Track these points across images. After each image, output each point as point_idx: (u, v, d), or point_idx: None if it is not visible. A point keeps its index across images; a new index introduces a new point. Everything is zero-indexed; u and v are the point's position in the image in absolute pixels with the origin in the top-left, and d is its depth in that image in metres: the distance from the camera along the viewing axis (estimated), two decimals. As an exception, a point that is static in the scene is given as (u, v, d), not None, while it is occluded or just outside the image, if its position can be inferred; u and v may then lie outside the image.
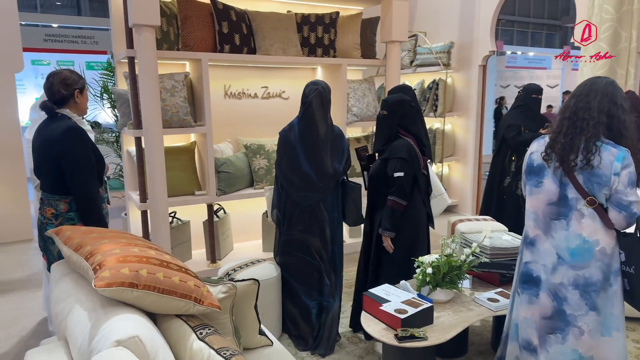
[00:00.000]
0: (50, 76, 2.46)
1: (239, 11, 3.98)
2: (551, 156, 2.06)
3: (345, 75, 4.38)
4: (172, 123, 3.64)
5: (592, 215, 1.99)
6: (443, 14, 6.21)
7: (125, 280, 1.27)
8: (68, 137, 2.32)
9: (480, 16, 5.64)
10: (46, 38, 7.95)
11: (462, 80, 6.03)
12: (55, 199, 2.39)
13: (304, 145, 2.76)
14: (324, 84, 2.86)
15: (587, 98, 2.02)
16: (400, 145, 2.84)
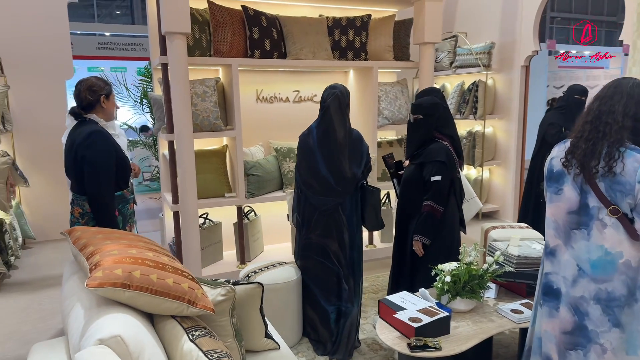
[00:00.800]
0: (78, 83, 2.60)
1: (270, 17, 4.04)
2: (571, 162, 1.95)
3: (377, 78, 4.34)
4: (203, 127, 3.75)
5: (616, 225, 1.87)
6: (484, 14, 6.03)
7: (117, 280, 1.32)
8: (91, 141, 2.44)
9: (522, 15, 5.43)
10: (99, 46, 8.42)
11: (503, 82, 5.83)
12: (81, 199, 2.52)
13: (322, 150, 2.76)
14: (342, 88, 2.86)
15: (612, 101, 1.90)
16: (437, 148, 2.81)
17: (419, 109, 2.84)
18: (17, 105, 5.05)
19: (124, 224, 2.63)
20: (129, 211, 2.68)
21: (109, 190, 2.49)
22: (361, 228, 2.92)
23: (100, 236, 1.61)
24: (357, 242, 2.87)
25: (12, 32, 4.85)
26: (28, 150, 5.12)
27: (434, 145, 2.85)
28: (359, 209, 2.87)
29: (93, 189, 2.44)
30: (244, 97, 4.33)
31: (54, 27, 5.12)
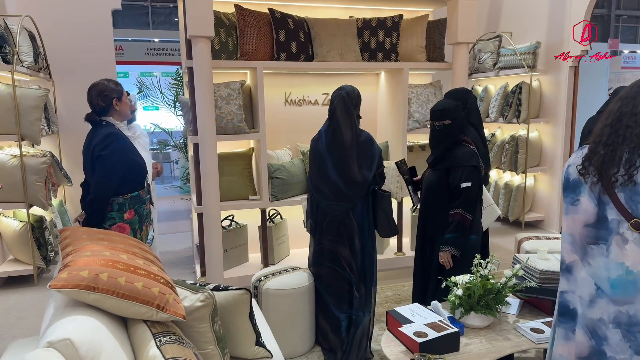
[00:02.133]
0: (90, 89, 2.68)
1: (297, 19, 4.01)
2: (588, 170, 1.77)
3: (407, 80, 4.20)
4: (227, 130, 3.77)
5: (638, 240, 1.67)
6: (530, 13, 5.72)
7: (82, 282, 1.32)
8: (107, 142, 2.50)
9: (571, 13, 5.10)
10: (147, 52, 8.77)
11: (550, 84, 5.49)
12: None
13: (331, 154, 2.69)
14: (348, 89, 2.78)
15: (634, 101, 1.70)
16: (465, 152, 2.69)
17: (444, 114, 2.70)
18: (63, 108, 5.32)
19: (140, 223, 2.68)
20: (145, 211, 2.73)
21: (109, 194, 2.52)
22: (373, 234, 2.81)
23: (85, 236, 1.62)
24: (369, 248, 2.77)
25: (59, 38, 5.11)
26: (73, 150, 5.38)
27: (461, 150, 2.71)
28: (370, 214, 2.76)
29: (97, 188, 2.50)
30: (272, 100, 4.33)
31: (98, 33, 5.35)
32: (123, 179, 2.57)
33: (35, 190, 3.99)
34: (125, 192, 2.58)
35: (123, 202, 2.56)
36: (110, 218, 2.56)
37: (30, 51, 4.30)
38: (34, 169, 3.95)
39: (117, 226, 2.54)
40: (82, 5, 5.17)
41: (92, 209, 2.50)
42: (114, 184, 2.52)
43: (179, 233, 5.94)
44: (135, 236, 2.63)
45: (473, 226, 2.72)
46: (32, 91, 3.97)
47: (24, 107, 3.87)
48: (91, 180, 2.55)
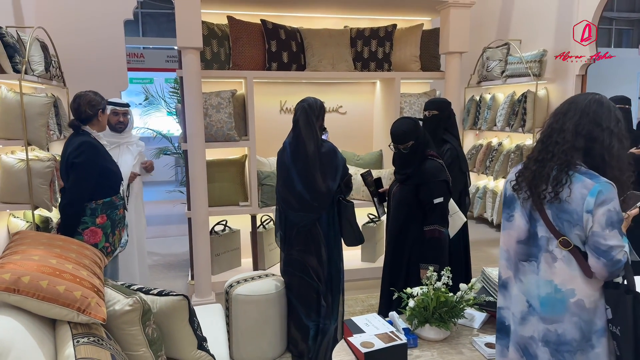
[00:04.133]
0: (78, 97, 2.83)
1: (290, 29, 4.09)
2: (521, 186, 1.76)
3: (399, 89, 4.21)
4: (217, 137, 3.88)
5: (567, 259, 1.65)
6: (538, 20, 5.61)
7: (2, 284, 1.43)
8: (80, 151, 2.65)
9: (577, 21, 4.97)
10: (168, 59, 9.07)
11: (558, 92, 5.37)
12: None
13: (296, 165, 2.75)
14: (310, 101, 2.82)
15: (564, 118, 1.69)
16: (434, 167, 2.69)
17: (407, 136, 2.67)
18: (78, 114, 5.58)
19: (112, 228, 2.81)
20: (118, 216, 2.86)
21: (81, 201, 2.66)
22: (340, 244, 2.85)
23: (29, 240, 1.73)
24: (335, 258, 2.80)
25: (73, 48, 5.36)
26: (85, 155, 5.63)
27: (429, 164, 2.71)
28: (336, 224, 2.80)
29: (70, 195, 2.64)
30: (267, 108, 4.43)
31: (111, 42, 5.59)
32: (96, 185, 2.71)
33: (40, 193, 4.20)
34: (98, 197, 2.71)
35: (95, 207, 2.70)
36: (83, 222, 2.70)
37: (41, 60, 4.53)
38: (39, 172, 4.16)
39: (90, 230, 2.68)
40: (96, 16, 5.42)
41: (65, 214, 2.64)
42: (86, 190, 2.66)
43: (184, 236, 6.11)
44: (108, 240, 2.76)
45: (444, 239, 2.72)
46: (38, 99, 4.20)
47: (31, 114, 4.09)
48: (67, 188, 2.70)
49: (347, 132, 4.69)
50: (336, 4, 3.99)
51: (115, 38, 5.60)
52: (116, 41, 5.61)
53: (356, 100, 4.68)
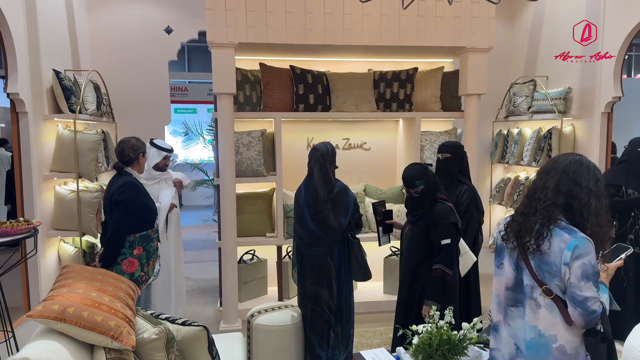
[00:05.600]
0: (122, 143, 3.19)
1: (317, 74, 4.39)
2: (509, 236, 1.92)
3: (419, 129, 4.41)
4: (247, 173, 4.18)
5: (550, 306, 1.79)
6: (565, 57, 5.68)
7: (51, 314, 1.71)
8: (123, 189, 2.99)
9: (603, 60, 5.03)
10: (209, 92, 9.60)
11: (584, 129, 5.39)
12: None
13: (309, 207, 2.98)
14: (322, 150, 3.04)
15: (547, 176, 1.85)
16: (444, 210, 2.86)
17: (417, 182, 2.83)
18: (124, 147, 6.05)
19: (147, 258, 3.12)
20: (153, 248, 3.17)
21: (122, 234, 2.99)
22: (350, 278, 3.04)
23: (74, 274, 2.03)
24: (345, 291, 2.99)
25: (122, 86, 5.85)
26: (129, 184, 6.08)
27: (438, 207, 2.87)
28: (347, 259, 3.00)
29: (113, 229, 2.97)
30: (295, 144, 4.71)
31: (156, 81, 6.05)
32: (135, 220, 3.04)
33: (88, 221, 4.62)
34: (137, 231, 3.04)
35: (133, 240, 3.02)
36: (122, 254, 3.02)
37: (93, 100, 5.02)
38: (87, 202, 4.59)
39: (128, 260, 2.99)
40: (143, 58, 5.91)
41: (108, 246, 2.97)
42: (127, 225, 2.98)
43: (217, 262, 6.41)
44: (143, 269, 3.07)
45: (454, 279, 2.86)
46: (89, 136, 4.65)
47: (82, 150, 4.53)
48: (109, 221, 3.04)
49: (370, 167, 4.90)
50: (361, 50, 4.26)
51: (161, 77, 6.07)
52: (161, 80, 6.08)
53: (380, 137, 4.90)
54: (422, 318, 2.87)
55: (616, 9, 4.82)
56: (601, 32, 5.03)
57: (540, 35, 6.16)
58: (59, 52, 4.91)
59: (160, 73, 6.08)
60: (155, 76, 6.06)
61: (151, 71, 6.00)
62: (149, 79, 6.02)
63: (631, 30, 4.67)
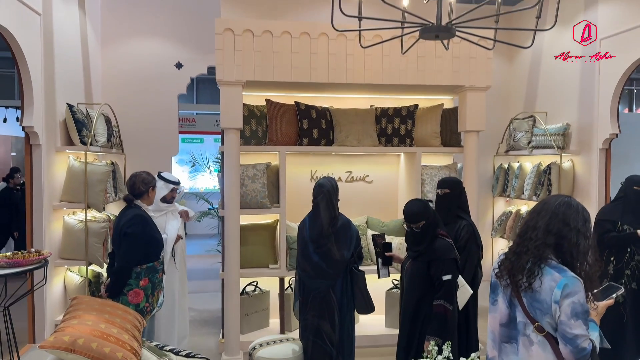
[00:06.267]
0: (133, 176, 3.32)
1: (320, 109, 4.54)
2: (503, 274, 2.00)
3: (419, 164, 4.52)
4: (251, 205, 4.29)
5: (542, 343, 1.85)
6: (563, 94, 5.83)
7: (62, 345, 1.79)
8: (133, 222, 3.09)
9: (599, 97, 5.17)
10: (216, 123, 9.82)
11: (583, 165, 5.49)
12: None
13: (313, 241, 3.07)
14: (328, 186, 3.14)
15: (538, 216, 1.94)
16: (444, 246, 2.92)
17: (419, 217, 2.90)
18: (132, 177, 6.19)
19: (152, 289, 3.19)
20: (158, 279, 3.25)
21: (130, 266, 3.07)
22: (352, 311, 3.09)
23: (84, 306, 2.11)
24: (347, 324, 3.05)
25: (132, 119, 6.02)
26: (136, 213, 6.18)
27: (439, 243, 2.93)
28: (349, 292, 3.06)
29: (122, 261, 3.06)
30: (299, 177, 4.82)
31: (165, 114, 6.22)
32: (143, 252, 3.13)
33: (95, 250, 4.70)
34: (144, 262, 3.12)
35: (140, 271, 3.11)
36: (128, 284, 3.09)
37: (104, 132, 5.18)
38: (95, 232, 4.68)
39: (134, 291, 3.07)
40: (154, 92, 6.10)
41: (116, 277, 3.06)
42: (136, 256, 3.08)
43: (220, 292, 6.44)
44: (148, 300, 3.14)
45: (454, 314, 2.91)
46: (99, 167, 4.79)
47: (92, 181, 4.67)
48: (117, 252, 3.13)
49: (373, 200, 5.00)
50: (363, 88, 4.42)
51: (170, 110, 6.24)
52: (170, 112, 6.25)
53: (382, 170, 5.01)
54: (422, 353, 2.90)
55: (611, 47, 4.98)
56: (597, 70, 5.19)
57: (539, 73, 6.33)
58: (72, 86, 5.11)
59: (169, 106, 6.25)
60: (165, 109, 6.23)
61: (161, 104, 6.18)
62: (159, 112, 6.19)
63: (626, 70, 4.82)
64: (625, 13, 4.79)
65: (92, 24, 5.62)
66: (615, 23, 4.92)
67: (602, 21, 5.12)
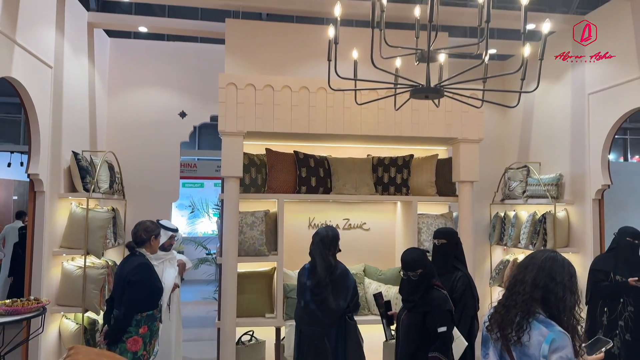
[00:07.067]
0: (138, 225, 3.41)
1: (319, 158, 4.67)
2: (493, 327, 2.04)
3: (415, 212, 4.60)
4: (249, 252, 4.33)
5: (534, 397, 1.87)
6: (556, 145, 5.99)
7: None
8: (137, 270, 3.15)
9: (590, 149, 5.32)
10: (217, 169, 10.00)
11: (577, 214, 5.57)
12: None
13: (310, 289, 3.11)
14: (322, 234, 3.22)
15: (525, 271, 2.01)
16: (440, 297, 2.96)
17: (417, 265, 2.96)
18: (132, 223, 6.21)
19: (150, 337, 3.20)
20: (156, 327, 3.26)
21: (133, 313, 3.10)
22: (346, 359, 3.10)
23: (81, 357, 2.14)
24: (341, 373, 3.04)
25: (135, 165, 6.13)
26: (134, 259, 6.20)
27: (435, 294, 2.96)
28: (344, 339, 3.08)
29: (125, 308, 3.09)
30: (297, 224, 4.89)
31: (167, 161, 6.34)
32: (145, 300, 3.16)
33: (92, 297, 4.70)
34: (145, 310, 3.16)
35: (140, 319, 3.14)
36: (127, 332, 3.11)
37: (107, 179, 5.29)
38: (93, 278, 4.70)
39: (133, 339, 3.09)
40: (157, 140, 6.25)
41: (117, 324, 3.08)
42: (138, 304, 3.11)
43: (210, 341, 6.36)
44: (145, 348, 3.15)
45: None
46: (100, 214, 4.86)
47: (92, 227, 4.73)
48: (119, 299, 3.17)
49: (370, 248, 5.04)
50: (360, 138, 4.57)
51: (172, 157, 6.37)
52: (172, 159, 6.38)
53: (379, 218, 5.09)
54: None
55: (599, 102, 5.18)
56: (587, 123, 5.36)
57: (532, 124, 6.52)
58: (79, 134, 5.26)
59: (171, 153, 6.39)
60: (167, 156, 6.36)
61: (163, 152, 6.31)
62: (161, 159, 6.31)
63: (614, 124, 4.98)
64: (610, 69, 5.01)
65: (100, 74, 5.85)
66: (602, 79, 5.13)
67: (590, 77, 5.35)
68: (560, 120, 5.81)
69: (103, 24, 5.73)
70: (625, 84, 4.79)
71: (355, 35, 4.63)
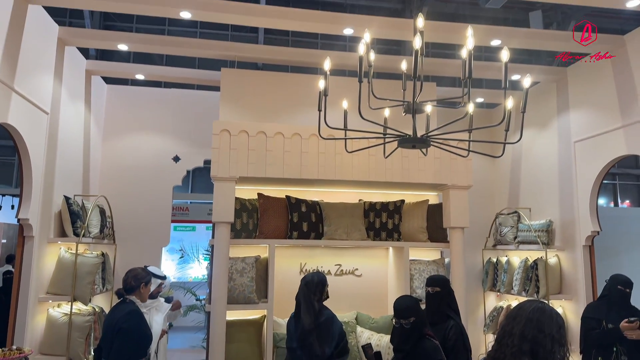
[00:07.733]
0: (129, 272, 3.39)
1: (310, 203, 4.70)
2: (484, 378, 2.01)
3: (407, 258, 4.59)
4: (239, 300, 4.27)
5: None
6: (545, 192, 6.07)
7: None
8: (128, 317, 3.10)
9: (578, 196, 5.40)
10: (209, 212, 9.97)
11: (568, 260, 5.58)
12: None
13: (297, 335, 3.07)
14: (308, 279, 3.22)
15: (513, 322, 2.00)
16: (431, 347, 2.91)
17: (410, 312, 2.93)
18: (122, 267, 6.15)
19: (140, 385, 3.12)
20: (147, 375, 3.18)
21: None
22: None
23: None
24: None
25: (126, 209, 6.10)
26: (122, 305, 6.07)
27: (427, 344, 2.92)
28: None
29: (116, 356, 3.02)
30: (288, 270, 4.85)
31: (159, 205, 6.32)
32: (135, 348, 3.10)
33: (77, 345, 4.57)
34: (133, 359, 3.08)
35: (129, 366, 3.06)
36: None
37: (98, 224, 5.26)
38: (79, 326, 4.59)
39: (120, 388, 2.99)
40: (150, 184, 6.26)
41: None
42: (128, 353, 3.05)
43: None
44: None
45: None
46: (89, 259, 4.81)
47: (81, 273, 4.66)
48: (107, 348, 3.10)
49: (362, 294, 4.99)
50: (351, 183, 4.62)
51: (164, 201, 6.36)
52: (164, 204, 6.37)
53: (371, 264, 5.06)
54: None
55: (584, 150, 5.30)
56: (574, 171, 5.46)
57: (520, 171, 6.63)
58: (71, 179, 5.27)
59: (164, 197, 6.38)
60: (159, 201, 6.35)
61: (156, 196, 6.31)
62: (153, 203, 6.29)
63: (600, 171, 5.08)
64: (595, 118, 5.16)
65: (96, 119, 5.93)
66: (587, 127, 5.28)
67: (575, 125, 5.50)
68: (548, 167, 5.92)
69: (101, 71, 5.86)
70: (610, 132, 4.92)
71: (347, 84, 4.77)
